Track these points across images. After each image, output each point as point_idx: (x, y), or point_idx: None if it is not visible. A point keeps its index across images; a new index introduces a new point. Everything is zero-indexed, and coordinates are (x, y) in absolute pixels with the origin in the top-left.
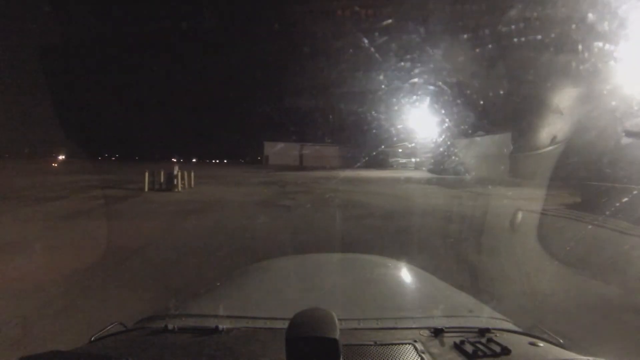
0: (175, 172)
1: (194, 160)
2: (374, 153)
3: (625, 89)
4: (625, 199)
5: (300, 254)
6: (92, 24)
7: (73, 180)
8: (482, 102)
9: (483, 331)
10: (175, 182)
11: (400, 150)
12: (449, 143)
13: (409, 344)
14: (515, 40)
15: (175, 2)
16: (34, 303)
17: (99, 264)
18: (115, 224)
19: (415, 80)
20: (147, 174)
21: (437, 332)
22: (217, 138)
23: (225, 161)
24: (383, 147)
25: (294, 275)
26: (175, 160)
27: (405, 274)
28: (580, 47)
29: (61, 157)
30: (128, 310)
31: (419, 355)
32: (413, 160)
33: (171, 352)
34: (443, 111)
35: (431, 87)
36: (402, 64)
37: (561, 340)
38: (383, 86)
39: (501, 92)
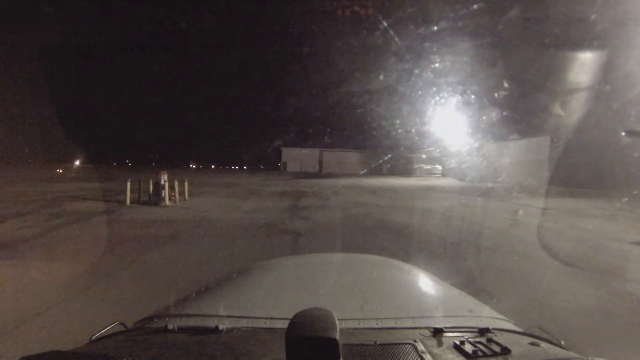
0: (162, 182)
1: (212, 166)
2: (397, 159)
3: None
4: None
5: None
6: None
7: (59, 190)
8: (515, 103)
9: (483, 331)
10: (162, 195)
11: (424, 156)
12: (479, 148)
13: (409, 344)
14: (551, 38)
15: (195, 3)
16: None
17: None
18: (24, 272)
19: (443, 83)
20: (128, 185)
21: (437, 332)
22: (238, 144)
23: (245, 167)
24: (406, 152)
25: (294, 275)
26: (194, 165)
27: (405, 274)
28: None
29: (76, 163)
30: None
31: (419, 355)
32: (438, 166)
33: (171, 352)
34: (471, 114)
35: (458, 89)
36: (428, 66)
37: (562, 341)
38: (407, 89)
39: (538, 93)
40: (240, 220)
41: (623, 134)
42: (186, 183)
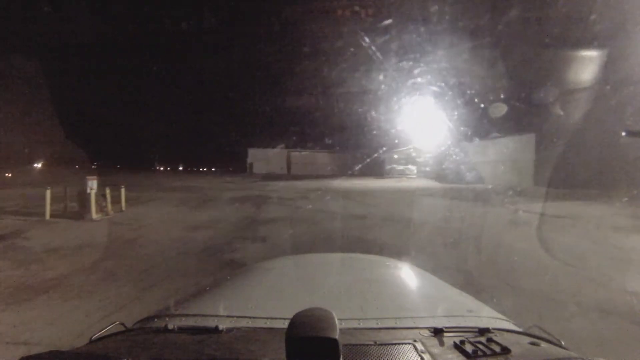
0: (88, 190)
1: (180, 168)
2: (368, 159)
3: None
4: None
5: None
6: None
7: None
8: (497, 99)
9: (483, 331)
10: (88, 206)
11: (396, 156)
12: (457, 147)
13: (409, 343)
14: (539, 34)
15: (162, 2)
16: None
17: None
18: None
19: (416, 78)
20: (48, 195)
21: (437, 332)
22: (206, 146)
23: (213, 169)
24: (378, 152)
25: (294, 275)
26: (160, 167)
27: (405, 274)
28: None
29: (35, 165)
30: None
31: (419, 355)
32: (412, 167)
33: (171, 352)
34: (447, 111)
35: (433, 86)
36: (401, 62)
37: (561, 341)
38: (379, 87)
39: (522, 87)
40: (176, 244)
41: (623, 134)
42: (123, 190)
